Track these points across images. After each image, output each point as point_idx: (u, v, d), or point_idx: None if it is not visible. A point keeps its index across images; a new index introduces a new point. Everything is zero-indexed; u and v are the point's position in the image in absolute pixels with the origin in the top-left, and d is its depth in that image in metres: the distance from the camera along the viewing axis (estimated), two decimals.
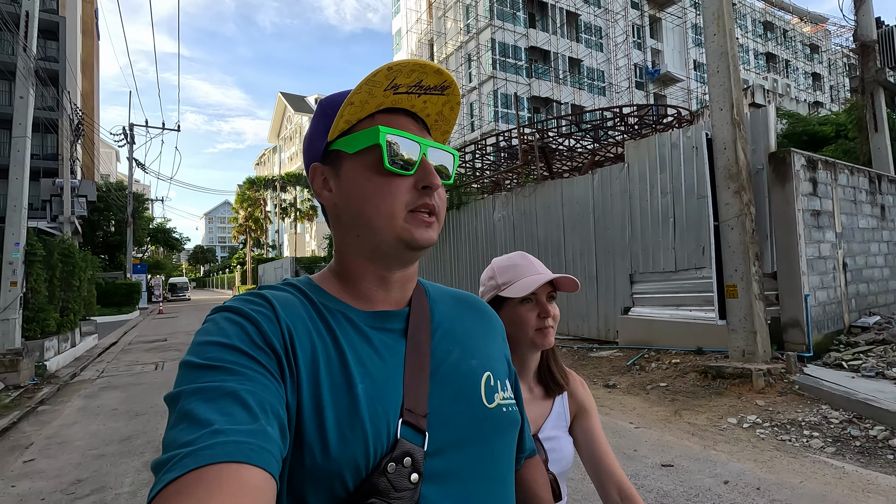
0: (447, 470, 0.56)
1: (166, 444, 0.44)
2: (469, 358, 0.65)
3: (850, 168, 6.71)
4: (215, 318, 0.55)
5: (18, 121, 8.60)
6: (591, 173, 8.54)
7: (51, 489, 3.69)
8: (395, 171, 0.58)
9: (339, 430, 0.52)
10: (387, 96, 0.60)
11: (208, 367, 0.49)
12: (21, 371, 7.37)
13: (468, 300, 0.76)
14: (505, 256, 1.18)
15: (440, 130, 0.68)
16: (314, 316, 0.59)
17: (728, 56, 5.80)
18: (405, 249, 0.60)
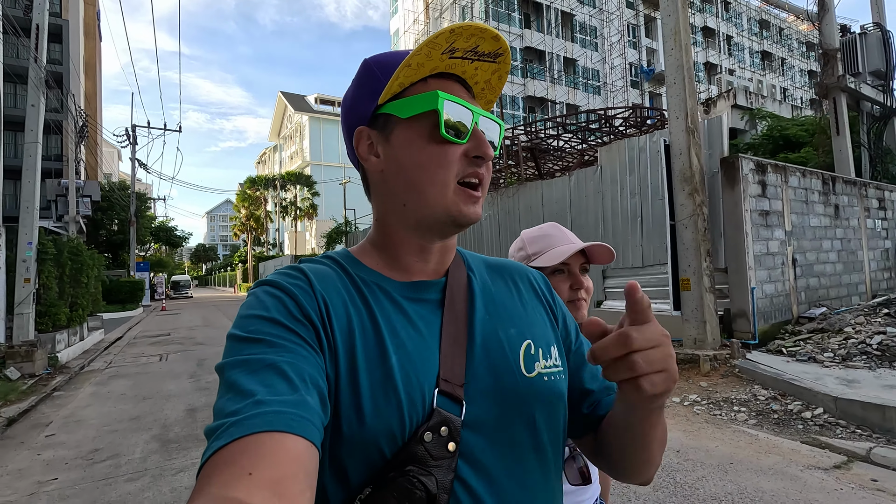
0: (484, 440, 0.56)
1: (216, 411, 0.46)
2: (507, 327, 0.64)
3: (801, 171, 7.23)
4: (256, 292, 0.57)
5: (30, 127, 9.15)
6: (568, 175, 9.08)
7: (72, 456, 4.25)
8: (450, 140, 0.58)
9: (374, 399, 0.52)
10: (442, 60, 0.59)
11: (250, 340, 0.51)
12: (35, 361, 7.93)
13: (507, 267, 0.74)
14: (535, 227, 1.15)
15: (485, 99, 0.67)
16: (350, 288, 0.60)
17: (683, 69, 6.32)
18: (450, 224, 0.60)
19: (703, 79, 40.68)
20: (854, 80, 9.35)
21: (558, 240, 1.08)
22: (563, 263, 1.05)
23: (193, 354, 9.73)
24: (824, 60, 9.20)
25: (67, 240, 10.50)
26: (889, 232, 9.13)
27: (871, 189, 8.76)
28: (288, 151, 66.16)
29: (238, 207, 47.45)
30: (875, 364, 4.97)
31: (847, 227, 8.01)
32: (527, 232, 1.14)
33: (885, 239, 9.00)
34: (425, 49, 0.56)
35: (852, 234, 8.10)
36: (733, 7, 43.91)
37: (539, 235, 1.11)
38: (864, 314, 6.10)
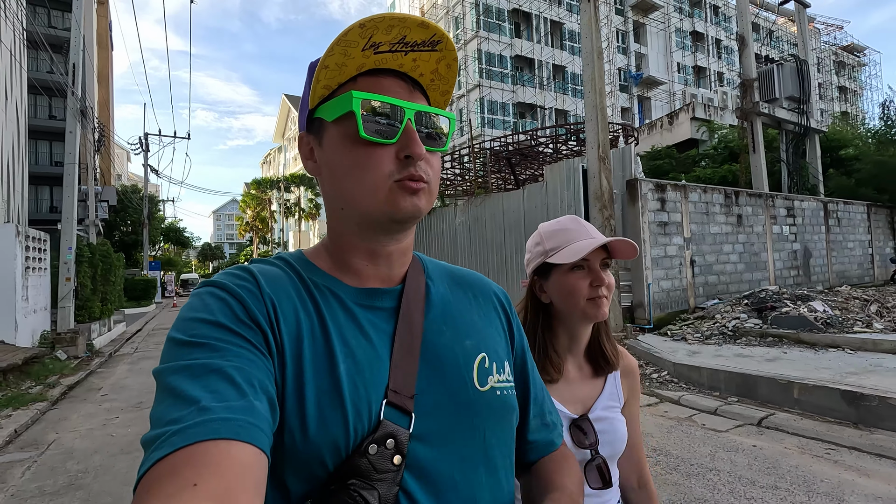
0: (433, 454, 0.55)
1: (154, 419, 0.44)
2: (463, 338, 0.63)
3: (703, 188, 8.80)
4: (200, 293, 0.55)
5: (68, 150, 10.86)
6: (522, 189, 10.68)
7: (124, 406, 5.92)
8: (373, 140, 0.54)
9: (320, 409, 0.51)
10: (367, 56, 0.55)
11: (193, 344, 0.48)
12: (78, 346, 9.64)
13: (468, 277, 0.73)
14: (554, 220, 1.07)
15: (438, 91, 0.62)
16: (302, 292, 0.58)
17: (597, 109, 7.90)
18: (390, 222, 0.57)
19: (691, 82, 41.99)
20: (769, 105, 10.87)
21: (578, 234, 1.01)
22: (583, 259, 0.99)
23: None
24: (743, 88, 10.72)
25: (99, 243, 12.21)
26: (798, 236, 10.66)
27: (778, 199, 10.30)
28: (292, 152, 67.99)
29: (244, 208, 49.32)
30: (724, 341, 6.56)
31: (751, 233, 9.56)
32: (544, 225, 1.07)
33: (793, 242, 10.54)
34: (338, 48, 0.53)
35: (756, 238, 9.64)
36: (722, 11, 45.07)
37: (557, 230, 1.04)
38: (732, 304, 7.67)
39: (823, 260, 11.33)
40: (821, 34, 55.86)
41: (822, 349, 5.76)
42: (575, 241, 0.99)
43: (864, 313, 6.46)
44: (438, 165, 0.60)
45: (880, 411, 4.02)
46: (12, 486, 3.65)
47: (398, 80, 0.58)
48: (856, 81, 58.71)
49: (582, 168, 8.05)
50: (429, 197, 0.58)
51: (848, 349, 5.62)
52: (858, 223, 12.66)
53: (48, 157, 28.66)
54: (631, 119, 38.58)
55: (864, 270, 12.73)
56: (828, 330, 6.06)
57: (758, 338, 6.43)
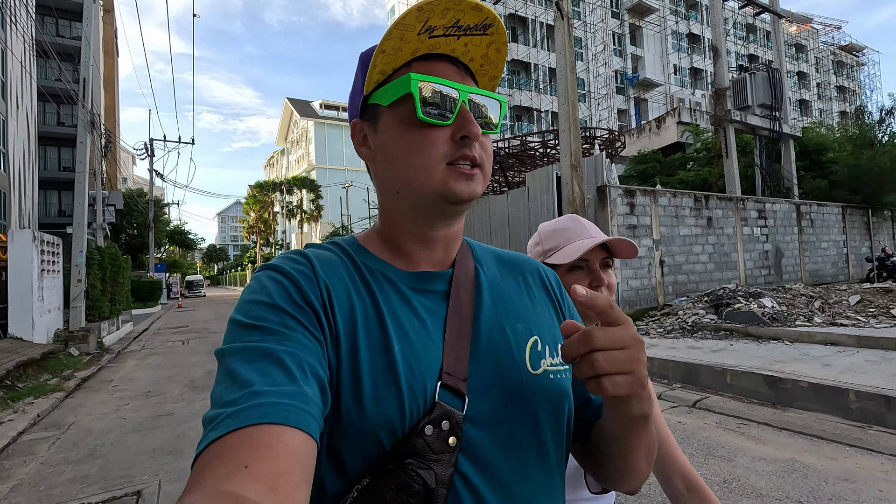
0: (487, 436, 0.56)
1: (213, 399, 0.46)
2: (514, 322, 0.63)
3: (672, 192, 9.36)
4: (259, 276, 0.57)
5: (79, 160, 11.52)
6: (506, 194, 11.27)
7: (133, 395, 6.55)
8: (430, 122, 0.56)
9: (375, 388, 0.52)
10: (422, 41, 0.57)
11: (251, 327, 0.50)
12: (89, 343, 10.31)
13: (517, 261, 0.73)
14: (554, 220, 1.08)
15: (487, 76, 0.64)
16: (354, 275, 0.60)
17: (570, 121, 8.48)
18: (445, 204, 0.58)
19: (687, 84, 42.46)
20: (741, 112, 11.42)
21: (577, 233, 0.99)
22: (583, 259, 0.97)
23: (210, 340, 12.08)
24: (715, 97, 11.28)
25: (107, 247, 12.89)
26: (769, 237, 11.21)
27: (749, 202, 10.85)
28: (295, 155, 68.79)
29: (248, 210, 50.11)
30: (682, 335, 7.13)
31: (721, 235, 10.12)
32: (544, 225, 1.06)
33: (764, 243, 11.09)
34: (396, 32, 0.55)
35: (726, 240, 10.20)
36: (731, 7, 45.48)
37: (557, 229, 1.02)
38: (693, 302, 8.23)
39: (796, 260, 11.86)
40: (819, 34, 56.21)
41: (765, 341, 6.33)
42: (574, 241, 0.98)
43: (807, 309, 7.01)
44: (490, 148, 0.61)
45: (793, 392, 4.60)
46: (41, 456, 4.28)
47: (450, 65, 0.59)
48: (855, 81, 58.94)
49: (556, 175, 8.64)
50: (483, 180, 0.59)
51: (787, 341, 6.19)
52: (833, 224, 13.18)
53: (56, 163, 29.47)
54: (628, 120, 39.10)
55: (838, 269, 13.24)
56: (773, 324, 6.62)
57: (712, 332, 7.00)
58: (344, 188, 39.87)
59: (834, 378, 4.58)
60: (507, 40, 0.61)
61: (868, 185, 13.25)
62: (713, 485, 3.14)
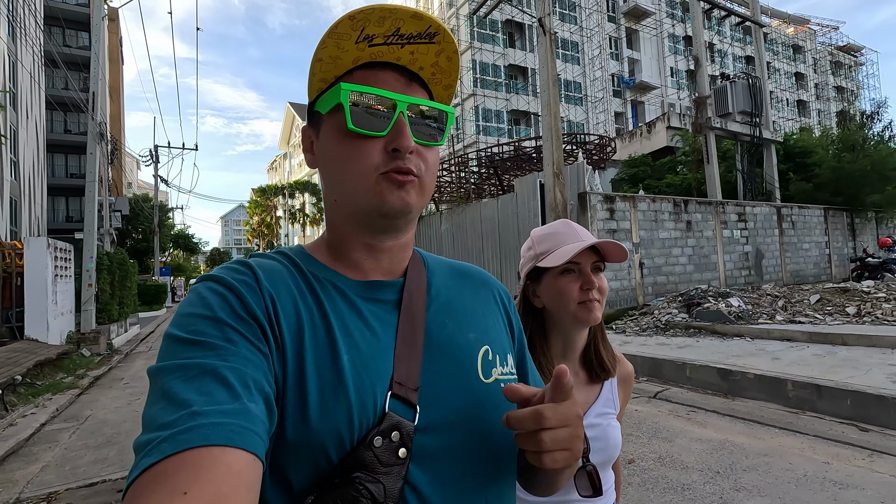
0: (439, 446, 0.55)
1: (146, 422, 0.43)
2: (466, 331, 0.63)
3: (651, 198, 9.84)
4: (198, 287, 0.55)
5: (89, 169, 12.08)
6: (497, 199, 11.76)
7: (144, 391, 7.05)
8: (361, 133, 0.55)
9: (322, 400, 0.51)
10: (362, 49, 0.56)
11: (190, 342, 0.48)
12: (100, 344, 10.85)
13: (468, 272, 0.73)
14: (547, 225, 1.10)
15: (441, 85, 0.62)
16: (301, 285, 0.58)
17: (552, 131, 8.98)
18: (378, 216, 0.58)
19: (684, 86, 42.85)
20: (722, 119, 11.89)
21: (567, 237, 1.02)
22: (574, 263, 0.99)
23: None
24: (697, 105, 11.75)
25: (115, 252, 13.44)
26: (749, 239, 11.66)
27: (729, 206, 11.31)
28: (297, 159, 69.50)
29: (251, 214, 50.79)
30: (655, 333, 7.59)
31: (700, 238, 10.58)
32: (536, 230, 1.08)
33: (744, 245, 11.54)
34: (330, 41, 0.54)
35: (706, 242, 10.66)
36: (714, 15, 45.87)
37: (548, 234, 1.05)
38: (668, 301, 8.69)
39: (777, 260, 12.30)
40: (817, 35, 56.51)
41: (729, 338, 6.79)
42: (565, 245, 1.00)
43: (770, 308, 7.45)
44: (433, 160, 0.60)
45: (742, 383, 5.07)
46: (63, 443, 4.80)
47: (395, 74, 0.58)
48: (853, 81, 59.16)
49: (539, 182, 9.13)
50: (419, 191, 0.58)
51: (748, 337, 6.65)
52: (815, 226, 13.61)
53: (64, 169, 30.14)
54: (625, 123, 39.52)
55: (820, 270, 13.66)
56: (738, 322, 7.08)
57: (683, 329, 7.47)
58: None
59: (780, 371, 5.04)
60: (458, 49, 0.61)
61: (850, 187, 13.66)
62: (648, 460, 3.62)
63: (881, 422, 3.98)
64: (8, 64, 18.39)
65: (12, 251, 9.85)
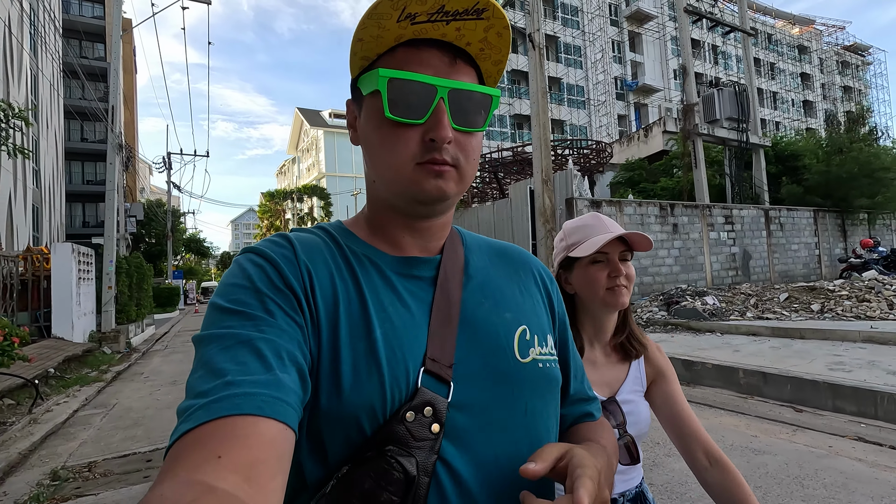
0: (473, 424, 0.55)
1: (188, 388, 0.46)
2: (502, 311, 0.63)
3: (637, 202, 10.35)
4: (240, 259, 0.57)
5: (109, 178, 12.83)
6: (493, 204, 12.34)
7: (163, 384, 7.72)
8: (399, 121, 0.55)
9: (355, 372, 0.51)
10: (404, 27, 0.54)
11: (230, 311, 0.50)
12: (120, 343, 11.56)
13: (508, 251, 0.73)
14: (577, 218, 1.16)
15: (491, 60, 0.60)
16: (339, 259, 0.59)
17: (542, 141, 9.54)
18: (415, 203, 0.58)
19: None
20: (710, 125, 12.37)
21: (597, 230, 1.08)
22: (602, 252, 1.06)
23: None
24: (684, 112, 12.24)
25: (133, 257, 14.20)
26: (737, 240, 12.12)
27: (716, 209, 11.79)
28: (305, 163, 70.54)
29: (261, 218, 51.77)
30: None
31: (687, 239, 11.07)
32: (568, 223, 1.16)
33: (731, 246, 12.00)
34: (370, 21, 0.53)
35: (692, 244, 11.15)
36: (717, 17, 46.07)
37: (579, 226, 1.12)
38: (650, 300, 9.19)
39: (764, 261, 12.73)
40: (822, 35, 56.42)
41: (702, 333, 7.30)
42: (594, 236, 1.06)
43: (743, 305, 7.93)
44: (475, 145, 0.59)
45: (702, 372, 5.60)
46: (96, 425, 5.44)
47: (440, 52, 0.56)
48: (861, 80, 58.91)
49: (529, 189, 9.69)
50: (458, 180, 0.58)
51: (718, 332, 7.15)
52: (804, 227, 14.01)
53: (80, 176, 31.20)
54: (628, 125, 39.89)
55: (810, 270, 14.05)
56: (711, 318, 7.57)
57: (662, 326, 7.98)
58: (353, 195, 41.25)
59: (736, 361, 5.56)
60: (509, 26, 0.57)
61: (839, 189, 14.05)
62: None
63: (814, 403, 4.50)
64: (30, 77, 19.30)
65: (39, 256, 10.60)
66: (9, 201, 15.06)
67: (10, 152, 8.51)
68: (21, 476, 4.03)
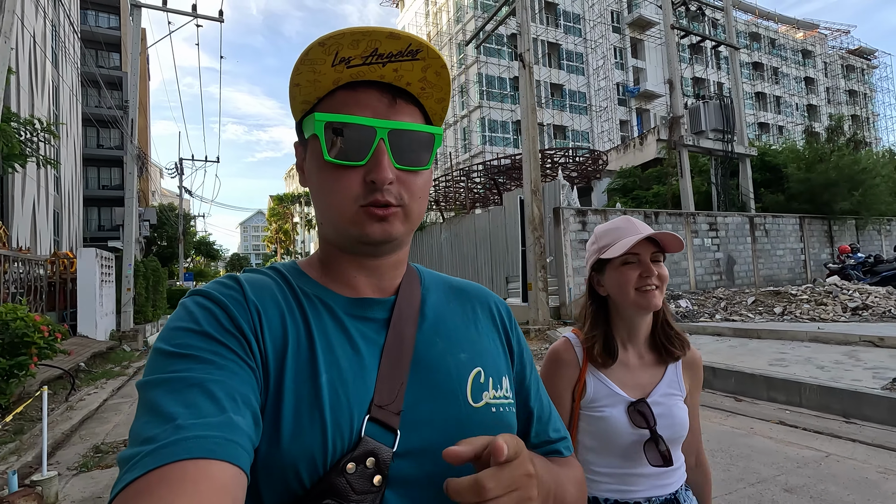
0: (420, 473, 0.53)
1: (132, 436, 0.43)
2: (457, 351, 0.62)
3: (623, 210, 10.99)
4: (186, 302, 0.54)
5: (128, 187, 13.69)
6: (488, 211, 13.03)
7: None
8: (339, 163, 0.54)
9: (297, 418, 0.50)
10: (340, 71, 0.54)
11: (177, 356, 0.48)
12: (138, 341, 12.37)
13: (466, 289, 0.72)
14: (609, 221, 1.17)
15: (433, 98, 0.60)
16: (290, 300, 0.57)
17: (531, 153, 10.21)
18: (361, 245, 0.58)
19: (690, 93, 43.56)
20: (695, 136, 12.98)
21: (627, 232, 1.09)
22: (633, 253, 1.07)
23: None
24: (671, 124, 12.86)
25: (149, 260, 15.05)
26: (721, 246, 12.71)
27: (700, 216, 12.40)
28: None
29: (270, 221, 52.81)
30: None
31: None
32: (599, 227, 1.18)
33: (716, 252, 12.60)
34: (304, 67, 0.53)
35: None
36: (721, 23, 46.45)
37: (610, 229, 1.13)
38: None
39: (749, 266, 13.29)
40: (827, 39, 56.57)
41: None
42: (624, 238, 1.08)
43: (713, 308, 8.52)
44: (421, 184, 0.58)
45: None
46: (125, 411, 6.19)
47: (378, 93, 0.56)
48: (867, 84, 58.93)
49: (520, 199, 10.37)
50: (405, 219, 0.57)
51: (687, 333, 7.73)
52: (790, 233, 14.54)
53: (97, 182, 32.28)
54: (630, 131, 40.38)
55: (795, 274, 14.57)
56: (683, 320, 8.19)
57: None
58: None
59: None
60: (446, 65, 0.57)
61: (821, 195, 14.58)
62: None
63: (752, 394, 5.13)
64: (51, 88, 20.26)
65: (66, 260, 11.43)
66: (33, 208, 15.97)
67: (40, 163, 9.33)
68: (68, 450, 4.79)
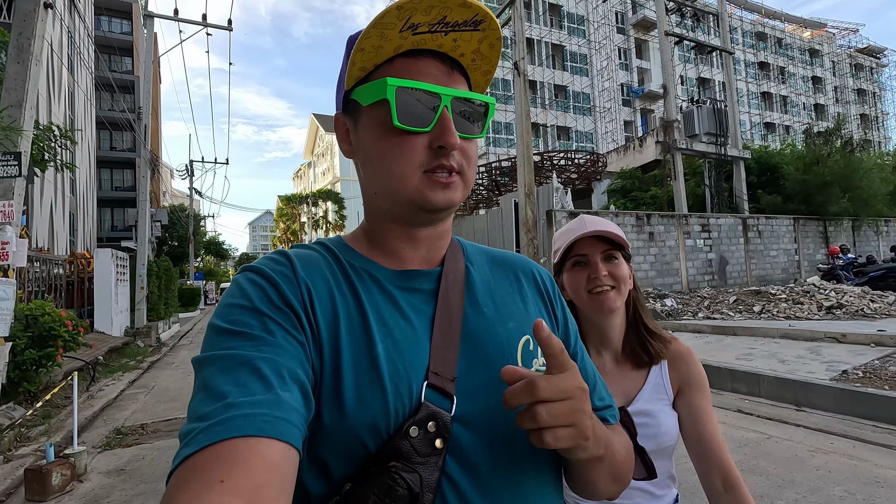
0: (476, 439, 0.55)
1: (189, 411, 0.46)
2: (505, 321, 0.62)
3: (615, 213, 11.37)
4: (238, 278, 0.57)
5: (141, 189, 14.28)
6: (487, 213, 13.45)
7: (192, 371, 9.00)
8: (407, 129, 0.55)
9: (358, 389, 0.51)
10: (405, 38, 0.55)
11: (229, 332, 0.50)
12: (151, 338, 12.94)
13: (509, 259, 0.73)
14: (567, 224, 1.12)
15: (480, 70, 0.62)
16: (338, 274, 0.59)
17: (525, 158, 10.63)
18: (421, 212, 0.58)
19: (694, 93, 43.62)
20: (689, 140, 13.31)
21: (577, 232, 1.02)
22: (582, 255, 1.02)
23: None
24: (664, 128, 13.20)
25: (161, 260, 15.64)
26: (713, 247, 13.05)
27: (692, 218, 12.74)
28: (321, 168, 72.39)
29: (277, 222, 53.56)
30: None
31: (663, 247, 12.04)
32: (558, 231, 1.13)
33: (708, 253, 12.93)
34: (374, 31, 0.54)
35: (668, 251, 12.12)
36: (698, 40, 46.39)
37: (564, 231, 1.07)
38: None
39: (742, 267, 13.60)
40: (835, 38, 56.24)
41: None
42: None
43: (697, 307, 8.87)
44: (474, 152, 0.60)
45: None
46: (141, 400, 6.71)
47: (437, 62, 0.58)
48: (876, 83, 58.50)
49: (514, 202, 10.79)
50: (463, 187, 0.59)
51: (670, 331, 8.15)
52: (783, 234, 14.81)
53: (109, 183, 33.12)
54: (634, 131, 40.57)
55: (789, 275, 14.84)
56: (667, 318, 8.56)
57: None
58: None
59: None
60: (502, 38, 0.58)
61: (817, 196, 14.83)
62: None
63: (717, 386, 5.52)
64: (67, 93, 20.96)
65: (83, 260, 12.03)
66: (50, 210, 16.63)
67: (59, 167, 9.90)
68: (92, 432, 5.31)
